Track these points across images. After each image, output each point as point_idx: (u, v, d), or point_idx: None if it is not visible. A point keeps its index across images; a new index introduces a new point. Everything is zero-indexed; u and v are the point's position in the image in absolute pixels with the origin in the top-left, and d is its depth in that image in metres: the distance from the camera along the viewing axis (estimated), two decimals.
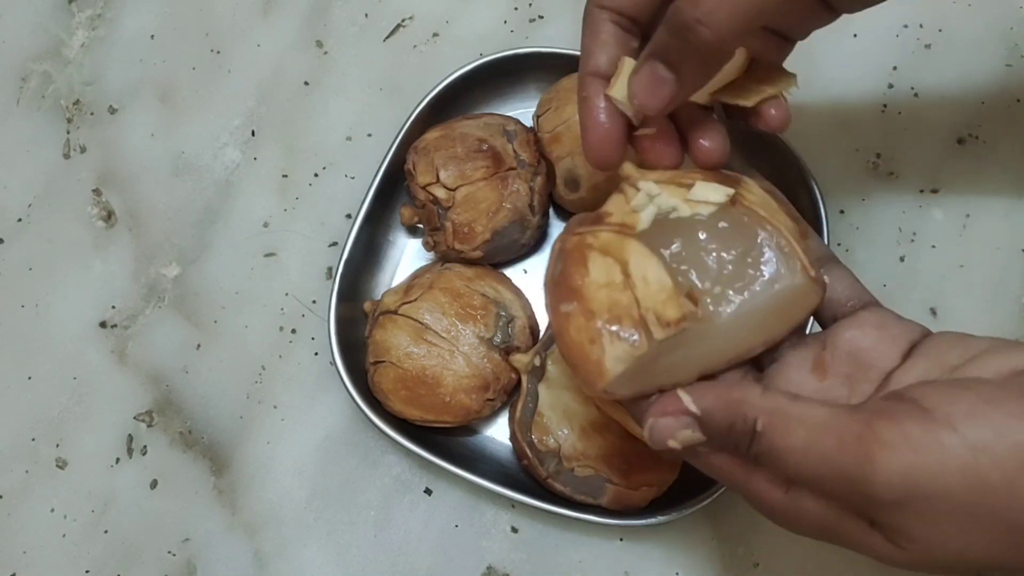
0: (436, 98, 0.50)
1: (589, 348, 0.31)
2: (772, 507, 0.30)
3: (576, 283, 0.31)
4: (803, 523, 0.30)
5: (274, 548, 0.48)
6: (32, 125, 0.55)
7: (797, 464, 0.28)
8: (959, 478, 0.26)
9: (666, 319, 0.30)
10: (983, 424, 0.26)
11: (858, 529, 0.29)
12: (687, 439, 0.30)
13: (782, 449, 0.28)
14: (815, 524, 0.29)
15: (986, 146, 0.52)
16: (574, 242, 0.32)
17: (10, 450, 0.50)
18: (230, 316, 0.51)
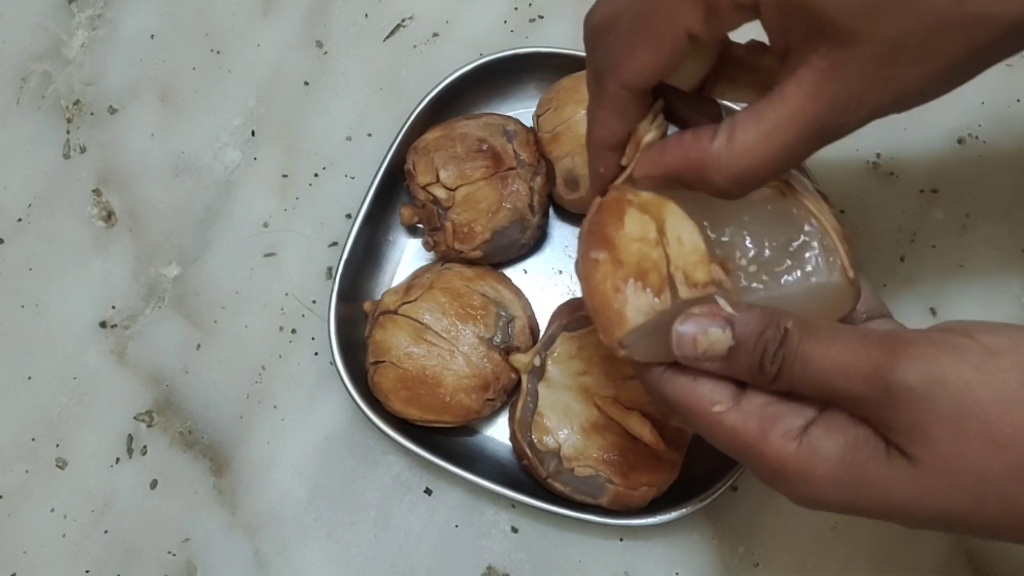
0: (436, 98, 0.50)
1: (613, 296, 0.31)
2: (784, 464, 0.30)
3: (610, 233, 0.31)
4: (816, 476, 0.29)
5: (274, 548, 0.48)
6: (32, 125, 0.55)
7: (820, 364, 0.28)
8: (977, 375, 0.27)
9: (694, 280, 0.30)
10: (1000, 334, 0.28)
11: (876, 461, 0.29)
12: (717, 340, 0.30)
13: (807, 351, 0.29)
14: (830, 473, 0.29)
15: (986, 146, 0.52)
16: (613, 197, 0.32)
17: (10, 450, 0.50)
18: (230, 316, 0.51)
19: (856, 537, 0.46)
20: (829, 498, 0.30)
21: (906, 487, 0.28)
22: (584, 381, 0.44)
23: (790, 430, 0.30)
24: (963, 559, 0.46)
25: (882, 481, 0.29)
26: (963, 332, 0.28)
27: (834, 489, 0.29)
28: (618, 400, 0.43)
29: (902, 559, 0.46)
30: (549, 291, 0.50)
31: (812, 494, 0.30)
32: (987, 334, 0.28)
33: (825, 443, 0.29)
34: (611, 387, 0.44)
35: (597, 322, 0.32)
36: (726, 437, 0.31)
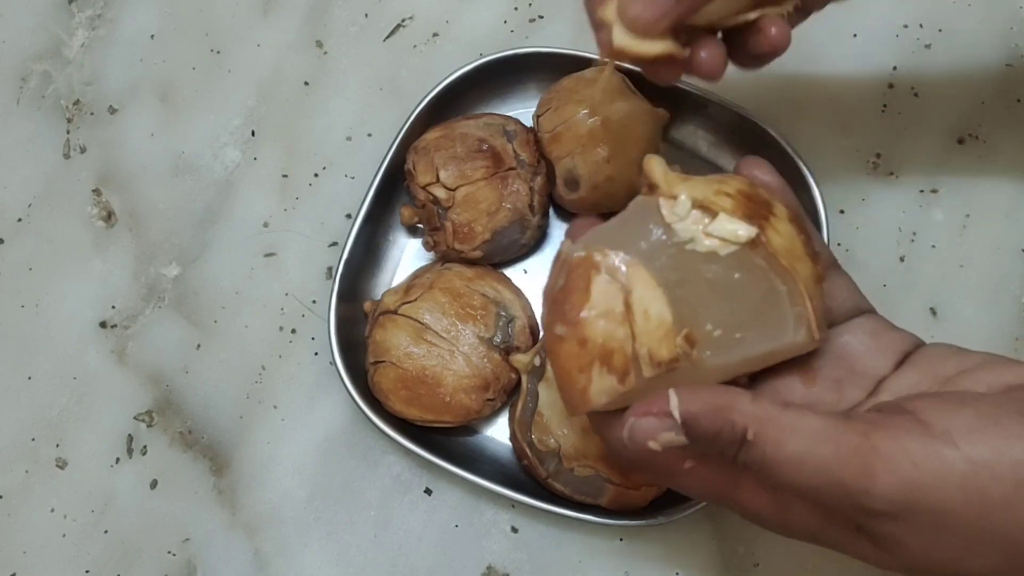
0: (436, 98, 0.50)
1: (577, 376, 0.30)
2: (759, 513, 0.30)
3: (574, 309, 0.30)
4: (791, 527, 0.30)
5: (274, 548, 0.48)
6: (32, 125, 0.55)
7: (791, 475, 0.27)
8: (959, 493, 0.26)
9: (658, 359, 0.29)
10: (982, 441, 0.26)
11: (846, 535, 0.29)
12: (669, 441, 0.29)
13: (775, 459, 0.27)
14: (803, 528, 0.29)
15: (986, 146, 0.52)
16: (581, 259, 0.31)
17: (10, 450, 0.50)
18: (230, 316, 0.51)
19: None
20: (800, 539, 0.30)
21: (879, 558, 0.28)
22: None
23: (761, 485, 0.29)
24: None
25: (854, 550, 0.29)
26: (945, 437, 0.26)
27: (806, 540, 0.30)
28: None
29: None
30: None
31: (786, 535, 0.30)
32: (971, 441, 0.26)
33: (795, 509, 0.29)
34: None
35: (561, 394, 0.32)
36: (699, 490, 0.31)
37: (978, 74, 0.53)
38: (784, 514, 0.29)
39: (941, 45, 0.53)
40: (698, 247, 0.30)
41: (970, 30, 0.53)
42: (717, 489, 0.30)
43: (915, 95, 0.53)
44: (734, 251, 0.30)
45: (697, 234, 0.30)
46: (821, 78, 0.53)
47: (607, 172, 0.46)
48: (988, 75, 0.53)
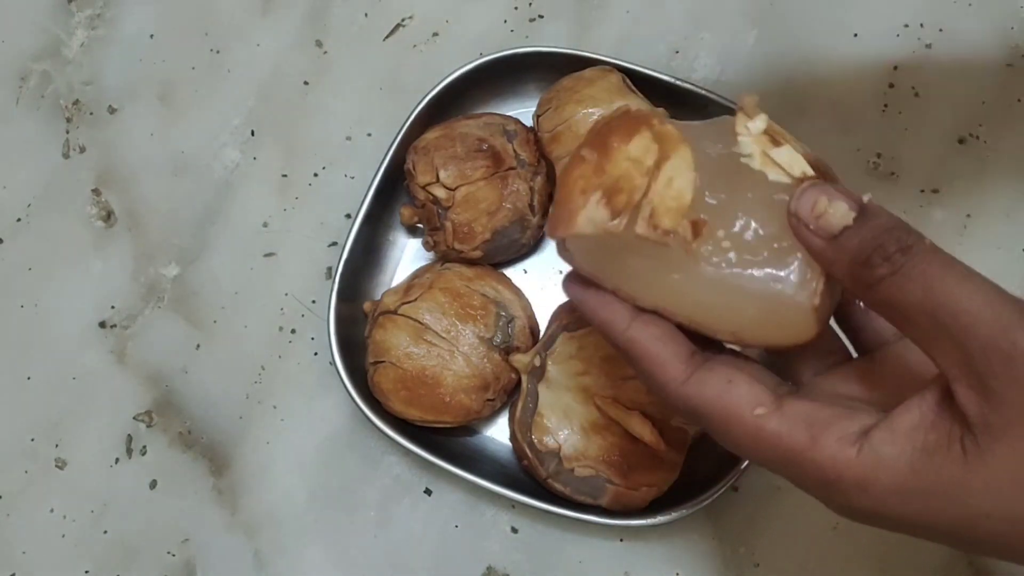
0: (436, 98, 0.50)
1: (576, 196, 0.30)
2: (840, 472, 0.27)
3: (611, 142, 0.30)
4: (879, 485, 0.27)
5: (274, 548, 0.48)
6: (31, 125, 0.55)
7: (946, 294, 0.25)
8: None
9: (656, 222, 0.29)
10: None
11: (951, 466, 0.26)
12: (838, 212, 0.27)
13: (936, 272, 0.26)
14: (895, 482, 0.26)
15: (987, 146, 0.52)
16: (640, 114, 0.31)
17: (10, 450, 0.50)
18: (230, 316, 0.51)
19: (857, 538, 0.46)
20: (891, 510, 0.27)
21: (983, 490, 0.25)
22: (584, 381, 0.44)
23: (846, 435, 0.27)
24: (964, 560, 0.46)
25: (958, 487, 0.25)
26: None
27: (899, 500, 0.26)
28: (618, 400, 0.43)
29: (903, 560, 0.46)
30: (549, 291, 0.50)
31: (871, 505, 0.27)
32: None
33: (890, 448, 0.26)
34: (611, 387, 0.44)
35: (554, 211, 0.31)
36: (768, 445, 0.28)
37: (978, 74, 0.53)
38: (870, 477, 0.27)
39: (942, 45, 0.53)
40: (752, 163, 0.30)
41: (971, 30, 0.53)
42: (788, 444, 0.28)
43: (916, 95, 0.53)
44: (782, 182, 0.29)
45: (756, 153, 0.30)
46: (821, 78, 0.53)
47: None
48: (988, 75, 0.53)
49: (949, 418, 0.26)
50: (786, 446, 0.28)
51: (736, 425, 0.29)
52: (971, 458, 0.25)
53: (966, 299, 0.25)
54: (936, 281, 0.26)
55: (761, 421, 0.28)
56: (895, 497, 0.26)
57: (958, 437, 0.26)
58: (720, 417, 0.29)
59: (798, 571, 0.46)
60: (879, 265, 0.27)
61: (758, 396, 0.29)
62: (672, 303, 0.30)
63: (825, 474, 0.27)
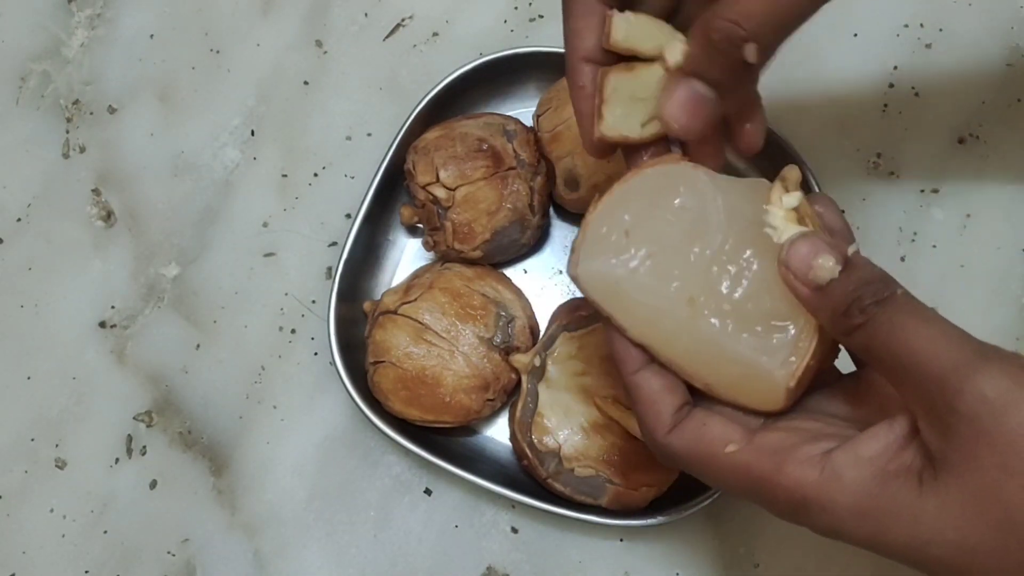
0: (436, 98, 0.50)
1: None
2: (804, 492, 0.29)
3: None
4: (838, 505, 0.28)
5: (274, 548, 0.48)
6: (31, 125, 0.55)
7: (912, 340, 0.27)
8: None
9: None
10: None
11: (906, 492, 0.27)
12: (825, 268, 0.29)
13: (905, 321, 0.28)
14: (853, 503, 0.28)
15: (987, 146, 0.52)
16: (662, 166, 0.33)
17: (9, 450, 0.50)
18: (230, 316, 0.51)
19: None
20: (851, 530, 0.28)
21: (934, 518, 0.27)
22: (584, 381, 0.44)
23: (809, 458, 0.29)
24: None
25: (909, 513, 0.27)
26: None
27: (856, 521, 0.28)
28: (618, 400, 0.43)
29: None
30: (549, 291, 0.50)
31: (833, 524, 0.28)
32: None
33: (851, 472, 0.28)
34: (611, 387, 0.44)
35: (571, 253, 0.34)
36: (740, 477, 0.30)
37: (978, 74, 0.53)
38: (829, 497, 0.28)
39: (941, 45, 0.53)
40: (773, 236, 0.31)
41: (970, 30, 0.53)
42: (757, 474, 0.30)
43: (915, 95, 0.53)
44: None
45: (781, 227, 0.31)
46: (821, 78, 0.53)
47: (607, 171, 0.46)
48: (988, 75, 0.53)
49: (912, 449, 0.28)
50: (756, 475, 0.30)
51: (711, 463, 0.31)
52: (926, 488, 0.27)
53: (925, 342, 0.27)
54: (899, 328, 0.28)
55: (732, 457, 0.30)
56: (853, 518, 0.28)
57: (917, 469, 0.27)
58: (696, 459, 0.31)
59: (798, 571, 0.46)
60: (855, 316, 0.29)
61: (729, 434, 0.31)
62: (660, 345, 0.32)
63: (792, 496, 0.29)
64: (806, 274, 0.30)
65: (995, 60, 0.53)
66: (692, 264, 0.32)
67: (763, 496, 0.30)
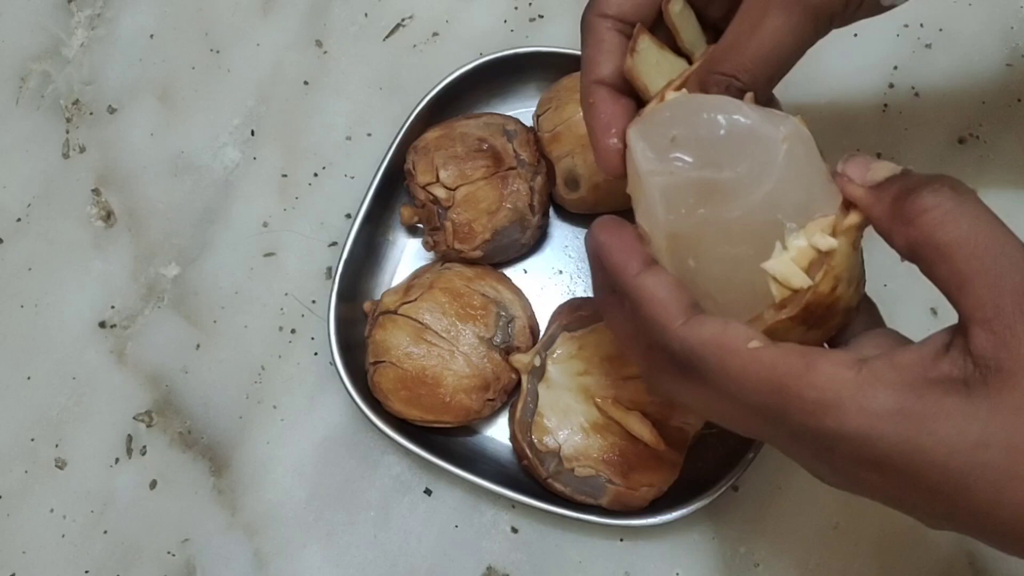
0: (436, 98, 0.50)
1: None
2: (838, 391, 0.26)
3: None
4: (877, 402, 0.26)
5: (274, 548, 0.47)
6: (31, 125, 0.55)
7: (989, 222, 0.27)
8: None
9: None
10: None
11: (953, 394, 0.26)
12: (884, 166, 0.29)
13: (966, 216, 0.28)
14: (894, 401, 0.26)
15: (987, 146, 0.52)
16: None
17: (9, 450, 0.50)
18: (230, 316, 0.51)
19: (858, 537, 0.46)
20: (886, 433, 0.26)
21: (984, 422, 0.25)
22: (584, 381, 0.44)
23: (844, 360, 0.27)
24: (964, 560, 0.45)
25: (959, 414, 0.25)
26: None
27: (895, 421, 0.25)
28: (618, 400, 0.43)
29: (904, 560, 0.46)
30: (549, 291, 0.50)
31: (864, 426, 0.26)
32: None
33: (890, 373, 0.26)
34: (611, 387, 0.44)
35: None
36: (762, 375, 0.27)
37: (978, 74, 0.53)
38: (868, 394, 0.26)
39: (941, 45, 0.53)
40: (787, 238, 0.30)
41: (970, 30, 0.53)
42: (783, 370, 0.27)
43: (915, 95, 0.53)
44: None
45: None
46: (821, 78, 0.53)
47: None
48: (988, 75, 0.53)
49: (951, 360, 0.26)
50: (781, 373, 0.27)
51: (731, 358, 0.28)
52: (975, 391, 0.25)
53: (1011, 246, 0.27)
54: (984, 223, 0.27)
55: (756, 352, 0.28)
56: (892, 418, 0.26)
57: (961, 376, 0.26)
58: (715, 353, 0.28)
59: (798, 571, 0.46)
60: (927, 197, 0.27)
61: (752, 333, 0.28)
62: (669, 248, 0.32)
63: (823, 395, 0.26)
64: (863, 174, 0.30)
65: (995, 60, 0.53)
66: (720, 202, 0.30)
67: (784, 398, 0.27)
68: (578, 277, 0.50)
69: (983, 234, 0.27)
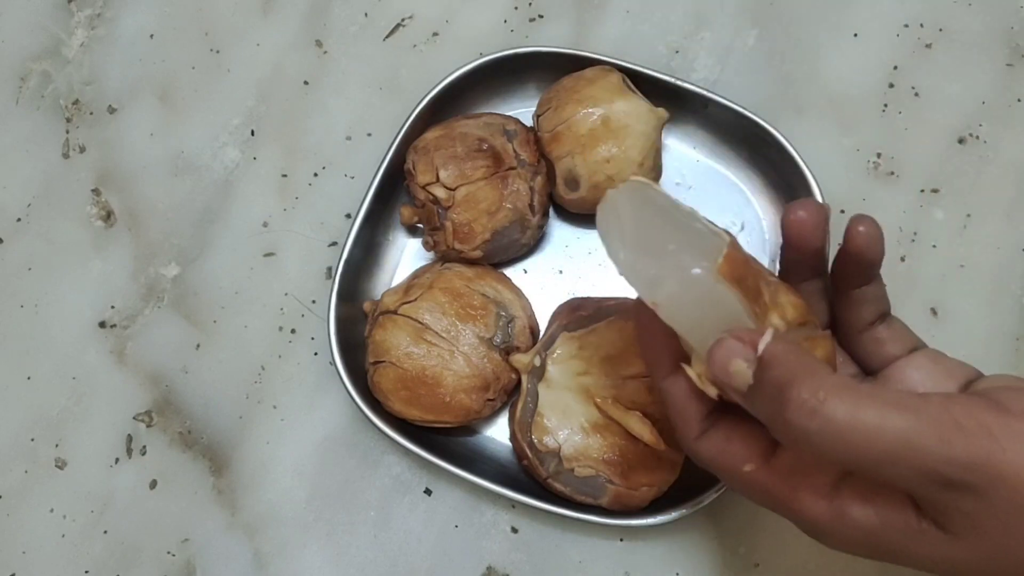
0: (436, 98, 0.50)
1: None
2: (815, 520, 0.31)
3: None
4: (848, 534, 0.30)
5: (274, 548, 0.48)
6: (31, 125, 0.55)
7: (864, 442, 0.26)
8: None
9: None
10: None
11: (908, 530, 0.29)
12: (738, 372, 0.29)
13: (848, 425, 0.26)
14: (860, 532, 0.30)
15: (987, 146, 0.52)
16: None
17: (9, 450, 0.50)
18: (230, 316, 0.51)
19: None
20: (858, 551, 0.31)
21: (939, 556, 0.29)
22: (584, 381, 0.44)
23: (819, 487, 0.31)
24: None
25: (913, 551, 0.29)
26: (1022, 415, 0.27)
27: (864, 548, 0.31)
28: (618, 400, 0.43)
29: None
30: (549, 291, 0.50)
31: (841, 545, 0.31)
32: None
33: (854, 509, 0.30)
34: (611, 387, 0.44)
35: None
36: (758, 494, 0.33)
37: (978, 74, 0.53)
38: (840, 519, 0.30)
39: (941, 45, 0.53)
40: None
41: (970, 30, 0.53)
42: (775, 495, 0.32)
43: (915, 95, 0.53)
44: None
45: None
46: (821, 78, 0.53)
47: (607, 172, 0.46)
48: (988, 75, 0.53)
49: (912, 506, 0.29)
50: (773, 496, 0.32)
51: (732, 477, 0.34)
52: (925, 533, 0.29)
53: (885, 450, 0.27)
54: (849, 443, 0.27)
55: (750, 475, 0.33)
56: (861, 548, 0.31)
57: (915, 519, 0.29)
58: (721, 470, 0.34)
59: (798, 571, 0.46)
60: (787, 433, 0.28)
61: (748, 453, 0.33)
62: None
63: (803, 518, 0.31)
64: (729, 381, 0.30)
65: (995, 60, 0.53)
66: None
67: (780, 511, 0.33)
68: (578, 277, 0.50)
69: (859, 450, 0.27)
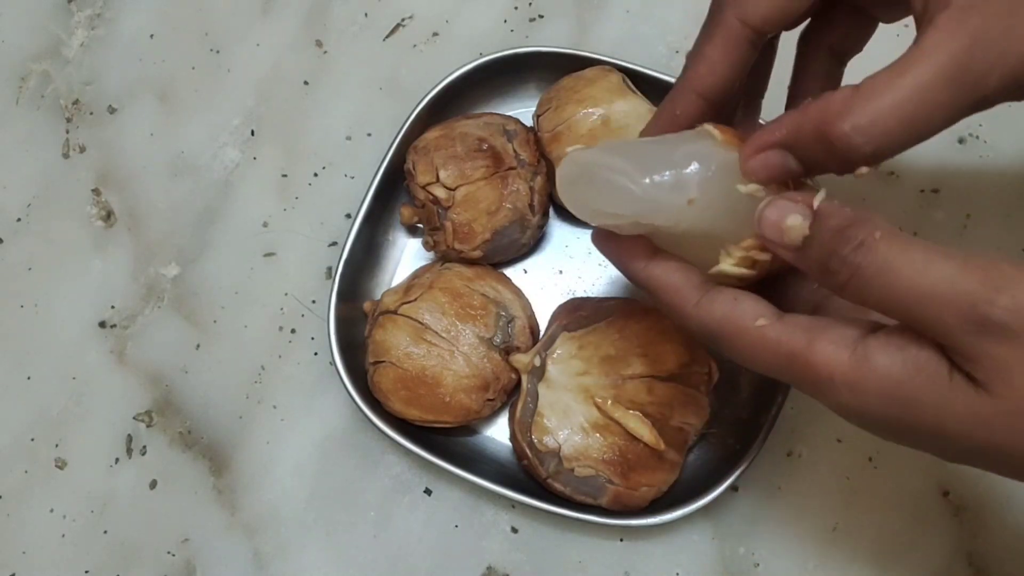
0: (436, 98, 0.50)
1: None
2: (831, 372, 0.29)
3: None
4: (867, 387, 0.28)
5: (274, 548, 0.48)
6: (31, 125, 0.55)
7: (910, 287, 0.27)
8: None
9: None
10: None
11: (936, 383, 0.27)
12: (794, 227, 0.29)
13: (896, 267, 0.27)
14: (882, 388, 0.28)
15: (987, 146, 0.52)
16: None
17: (9, 450, 0.50)
18: (230, 316, 0.51)
19: (857, 538, 0.46)
20: (874, 411, 0.29)
21: (965, 411, 0.27)
22: (584, 381, 0.44)
23: (842, 339, 0.29)
24: (964, 560, 0.45)
25: (939, 404, 0.27)
26: None
27: (883, 404, 0.28)
28: (618, 400, 0.43)
29: (903, 560, 0.46)
30: (549, 291, 0.50)
31: (857, 404, 0.29)
32: None
33: (882, 357, 0.28)
34: (611, 387, 0.44)
35: None
36: (768, 351, 0.30)
37: None
38: (863, 368, 0.28)
39: None
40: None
41: None
42: (787, 348, 0.30)
43: None
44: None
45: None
46: None
47: None
48: None
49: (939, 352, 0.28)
50: (785, 349, 0.30)
51: (742, 336, 0.31)
52: (956, 385, 0.27)
53: (928, 288, 0.27)
54: (895, 278, 0.27)
55: (763, 330, 0.30)
56: (881, 401, 0.28)
57: (947, 369, 0.27)
58: (728, 332, 0.31)
59: (798, 571, 0.46)
60: (839, 271, 0.28)
61: (760, 309, 0.31)
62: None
63: (818, 373, 0.29)
64: (782, 239, 0.30)
65: None
66: None
67: (791, 372, 0.30)
68: (578, 277, 0.50)
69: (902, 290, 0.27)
